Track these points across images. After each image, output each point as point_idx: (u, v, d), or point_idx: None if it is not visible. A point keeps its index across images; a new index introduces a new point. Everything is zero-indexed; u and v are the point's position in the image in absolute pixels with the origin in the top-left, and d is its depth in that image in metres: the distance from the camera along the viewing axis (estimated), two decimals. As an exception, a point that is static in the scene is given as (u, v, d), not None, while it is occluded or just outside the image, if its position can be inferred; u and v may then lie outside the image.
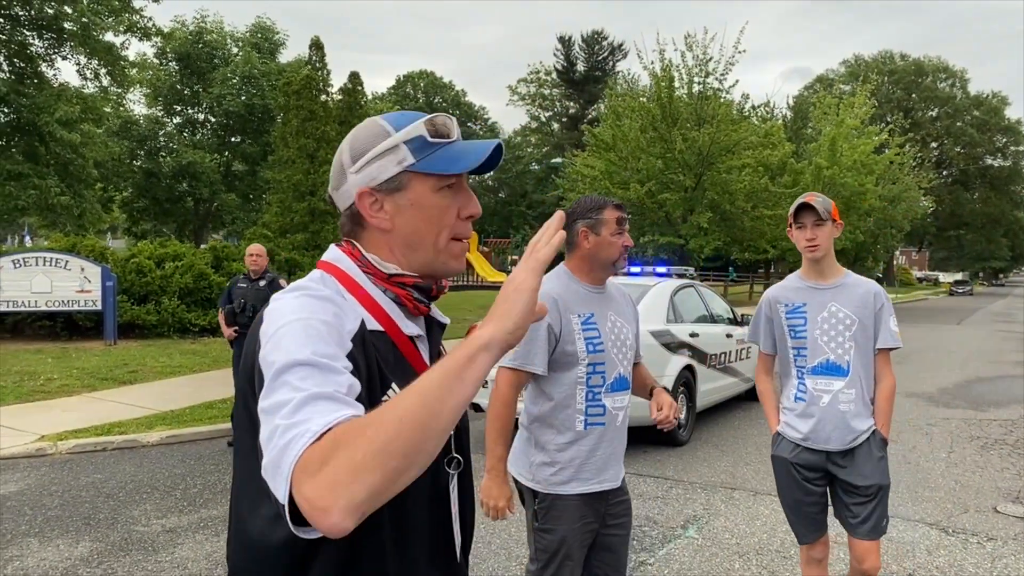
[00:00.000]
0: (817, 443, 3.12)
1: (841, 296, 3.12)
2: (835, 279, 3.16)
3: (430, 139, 1.28)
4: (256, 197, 30.08)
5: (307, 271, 1.44)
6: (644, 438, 7.17)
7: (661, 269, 9.54)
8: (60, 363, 11.06)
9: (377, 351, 1.23)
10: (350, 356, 1.15)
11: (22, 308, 12.80)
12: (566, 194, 31.20)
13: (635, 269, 9.41)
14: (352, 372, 1.13)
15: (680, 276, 9.13)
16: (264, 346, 1.13)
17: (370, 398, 1.17)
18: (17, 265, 12.65)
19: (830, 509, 3.29)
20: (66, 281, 12.88)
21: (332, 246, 1.36)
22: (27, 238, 49.89)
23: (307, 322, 1.14)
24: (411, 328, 1.31)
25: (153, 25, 20.82)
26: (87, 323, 13.72)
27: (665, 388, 3.05)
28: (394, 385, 1.23)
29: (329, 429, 0.98)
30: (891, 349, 3.14)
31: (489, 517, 2.66)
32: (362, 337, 1.21)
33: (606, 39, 60.80)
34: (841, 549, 4.61)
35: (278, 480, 0.98)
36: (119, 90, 22.64)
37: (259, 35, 29.11)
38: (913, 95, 68.16)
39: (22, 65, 19.47)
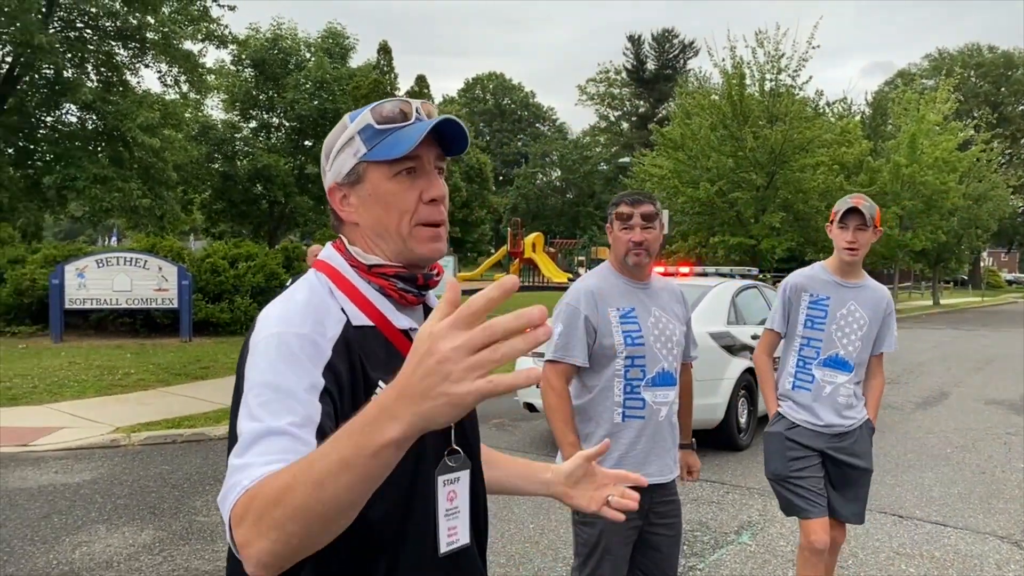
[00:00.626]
0: (817, 427, 3.29)
1: (860, 297, 3.29)
2: (858, 280, 3.32)
3: (377, 126, 1.27)
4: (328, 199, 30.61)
5: None
6: (703, 441, 7.03)
7: (709, 270, 9.28)
8: (138, 358, 11.54)
9: (363, 349, 1.22)
10: (329, 367, 1.16)
11: (104, 306, 13.40)
12: (634, 194, 30.75)
13: (683, 270, 9.19)
14: (325, 389, 1.14)
15: (742, 276, 8.88)
16: (248, 357, 1.17)
17: (354, 401, 1.17)
18: (100, 265, 13.26)
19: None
20: (145, 280, 13.43)
21: (328, 244, 1.37)
22: (115, 239, 52.21)
23: (281, 337, 1.15)
24: (403, 321, 1.30)
25: (229, 33, 21.55)
26: (164, 320, 14.28)
27: (693, 445, 3.17)
28: (381, 383, 1.21)
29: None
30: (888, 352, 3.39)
31: None
32: (345, 341, 1.20)
33: (677, 37, 60.08)
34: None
35: (224, 519, 1.03)
36: (197, 96, 23.51)
37: (330, 40, 29.77)
38: (1002, 89, 64.98)
39: (108, 74, 20.42)
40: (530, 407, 7.34)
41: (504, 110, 68.06)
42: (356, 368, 1.20)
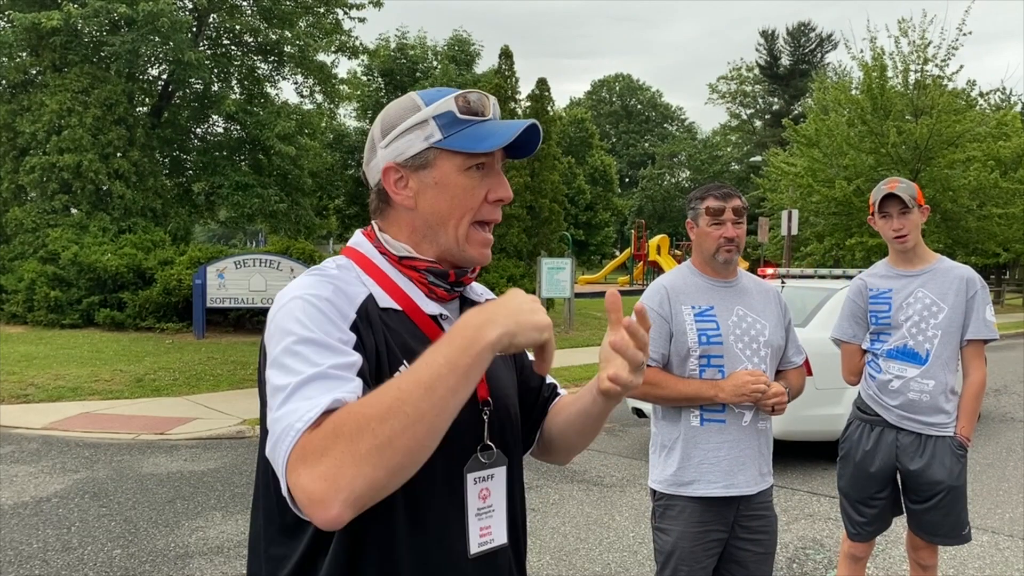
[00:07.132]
0: (887, 421, 3.09)
1: (930, 282, 3.02)
2: (925, 265, 3.05)
3: (460, 115, 1.22)
4: (454, 203, 31.20)
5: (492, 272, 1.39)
6: (825, 454, 6.63)
7: (809, 271, 8.58)
8: (269, 355, 12.15)
9: (388, 329, 1.19)
10: (354, 326, 1.13)
11: (242, 304, 14.21)
12: (767, 194, 29.65)
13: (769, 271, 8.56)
14: (357, 343, 1.11)
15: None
16: (268, 326, 1.15)
17: (378, 375, 1.13)
18: (238, 266, 14.08)
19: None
20: (278, 280, 14.10)
21: (356, 231, 1.34)
22: (261, 243, 55.49)
23: (304, 299, 1.13)
24: (432, 307, 1.26)
25: (360, 44, 22.38)
26: (296, 319, 14.97)
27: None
28: (404, 364, 1.17)
29: (325, 413, 0.97)
30: (985, 341, 2.97)
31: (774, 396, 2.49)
32: (367, 311, 1.17)
33: (813, 30, 57.40)
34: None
35: (278, 472, 1.00)
36: (331, 105, 24.58)
37: (456, 47, 30.42)
38: None
39: (251, 87, 21.71)
40: (638, 412, 7.17)
41: (631, 111, 67.30)
42: (381, 341, 1.16)
